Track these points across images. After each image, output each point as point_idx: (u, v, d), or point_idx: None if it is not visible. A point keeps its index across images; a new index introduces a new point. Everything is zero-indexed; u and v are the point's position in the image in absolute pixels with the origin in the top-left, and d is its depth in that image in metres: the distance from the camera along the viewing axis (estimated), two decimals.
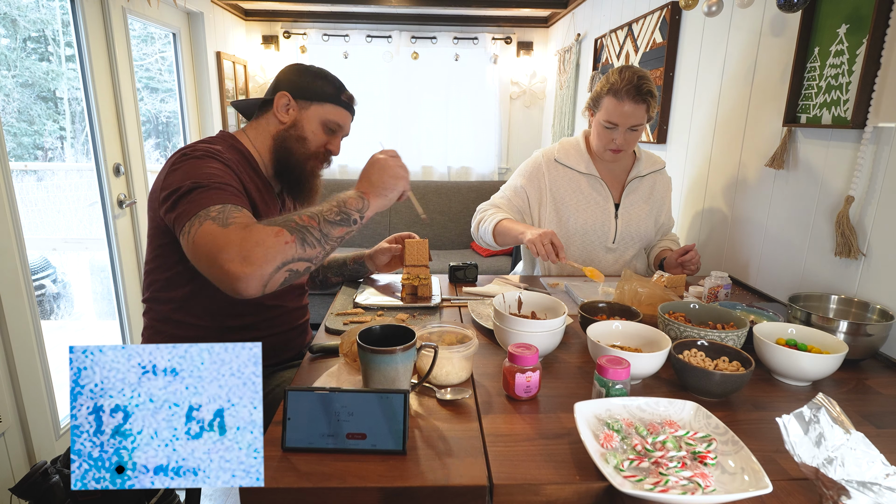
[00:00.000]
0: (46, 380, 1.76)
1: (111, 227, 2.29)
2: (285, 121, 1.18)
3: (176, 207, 0.98)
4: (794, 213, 1.41)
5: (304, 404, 0.72)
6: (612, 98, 1.45)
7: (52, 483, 1.27)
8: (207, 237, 0.88)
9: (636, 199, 1.63)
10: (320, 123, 1.19)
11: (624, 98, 1.43)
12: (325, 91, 1.19)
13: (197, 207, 0.94)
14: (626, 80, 1.43)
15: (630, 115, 1.45)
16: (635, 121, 1.46)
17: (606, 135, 1.51)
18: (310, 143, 1.19)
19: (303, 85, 1.18)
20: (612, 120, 1.47)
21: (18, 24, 2.31)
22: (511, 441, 0.76)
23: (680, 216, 2.04)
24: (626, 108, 1.44)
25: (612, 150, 1.53)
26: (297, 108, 1.18)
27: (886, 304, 1.12)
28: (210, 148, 1.07)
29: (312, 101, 1.18)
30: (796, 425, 0.61)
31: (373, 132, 3.97)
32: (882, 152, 1.15)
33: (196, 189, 0.97)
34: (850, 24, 1.22)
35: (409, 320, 1.21)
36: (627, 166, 1.65)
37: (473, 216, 1.70)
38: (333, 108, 1.20)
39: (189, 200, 0.96)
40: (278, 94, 1.17)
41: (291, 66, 1.21)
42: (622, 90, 1.43)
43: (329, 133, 1.21)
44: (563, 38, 3.51)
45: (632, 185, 1.63)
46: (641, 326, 1.01)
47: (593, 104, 1.53)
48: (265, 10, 3.65)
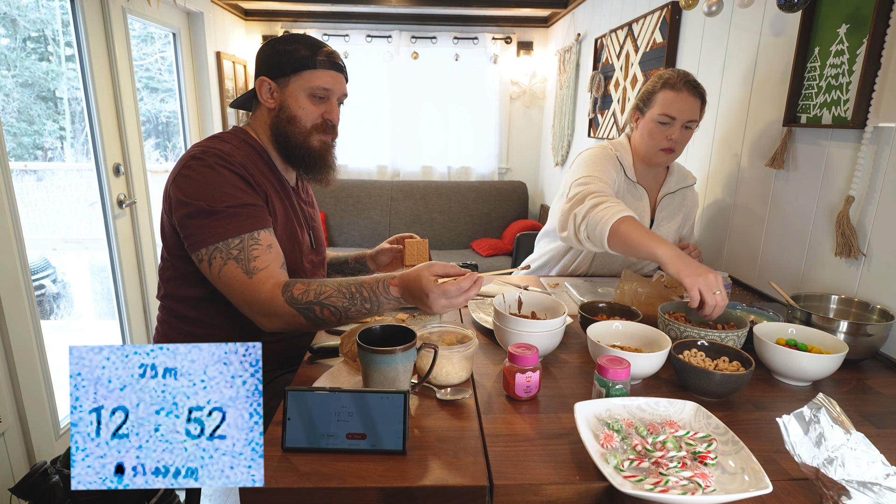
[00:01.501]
0: (46, 380, 1.76)
1: (111, 227, 2.29)
2: (272, 106, 1.13)
3: (185, 226, 1.00)
4: (794, 213, 1.41)
5: (304, 404, 0.72)
6: (670, 91, 1.40)
7: (52, 483, 1.27)
8: (234, 283, 0.99)
9: (667, 214, 1.60)
10: (306, 96, 1.11)
11: (682, 89, 1.39)
12: (299, 57, 1.09)
13: (212, 236, 0.98)
14: (681, 75, 1.41)
15: (688, 109, 1.40)
16: (692, 115, 1.41)
17: (660, 132, 1.43)
18: (302, 121, 1.13)
19: (276, 61, 1.10)
20: (670, 112, 1.40)
21: (18, 24, 2.31)
22: (511, 441, 0.76)
23: None
24: (684, 99, 1.39)
25: (664, 149, 1.45)
26: (278, 89, 1.12)
27: (886, 304, 1.12)
28: (222, 151, 1.05)
29: (290, 76, 1.10)
30: (796, 425, 0.61)
31: (373, 132, 3.98)
32: (882, 152, 1.15)
33: (206, 214, 0.99)
34: (850, 24, 1.21)
35: (409, 320, 1.21)
36: (661, 179, 1.60)
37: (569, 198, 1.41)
38: (314, 73, 1.10)
39: (200, 225, 0.99)
40: (258, 81, 1.13)
41: (263, 46, 1.15)
42: (679, 82, 1.39)
43: (319, 101, 1.13)
44: (563, 38, 3.51)
45: (664, 201, 1.59)
46: (641, 326, 1.01)
47: (643, 104, 1.47)
48: (265, 10, 3.65)
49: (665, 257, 1.12)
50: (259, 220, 1.03)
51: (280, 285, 0.98)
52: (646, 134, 1.47)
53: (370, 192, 3.75)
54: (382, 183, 3.80)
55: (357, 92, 3.87)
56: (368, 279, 0.99)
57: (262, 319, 0.99)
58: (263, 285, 0.97)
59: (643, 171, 1.57)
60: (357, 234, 3.71)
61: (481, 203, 3.79)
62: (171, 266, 1.13)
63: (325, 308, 0.97)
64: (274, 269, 1.01)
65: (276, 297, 0.97)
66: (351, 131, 3.91)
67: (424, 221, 3.74)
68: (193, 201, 1.00)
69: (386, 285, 0.97)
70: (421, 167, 4.05)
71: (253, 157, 1.12)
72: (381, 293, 0.97)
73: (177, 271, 1.13)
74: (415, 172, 4.02)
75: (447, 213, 3.75)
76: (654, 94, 1.44)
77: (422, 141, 4.00)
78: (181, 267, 1.11)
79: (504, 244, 3.57)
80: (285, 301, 0.97)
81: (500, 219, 3.82)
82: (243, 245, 0.99)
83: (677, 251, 1.13)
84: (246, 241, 0.99)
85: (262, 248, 1.01)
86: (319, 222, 1.36)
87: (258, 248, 1.00)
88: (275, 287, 0.98)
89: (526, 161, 4.15)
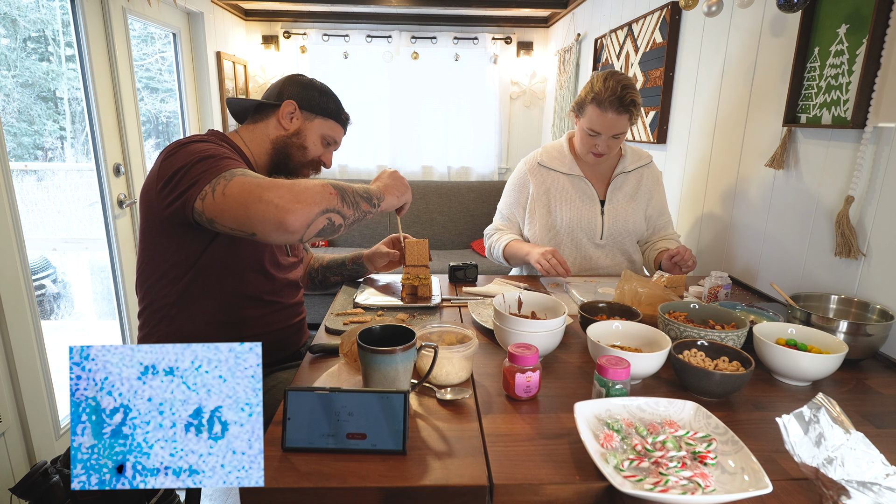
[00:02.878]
0: (46, 380, 1.76)
1: (111, 227, 2.29)
2: (288, 128, 1.22)
3: (184, 181, 0.99)
4: (794, 213, 1.41)
5: (304, 404, 0.73)
6: (596, 108, 1.46)
7: (52, 483, 1.27)
8: (246, 185, 0.94)
9: (622, 195, 1.65)
10: (320, 136, 1.26)
11: (607, 109, 1.45)
12: (328, 108, 1.25)
13: (215, 172, 0.98)
14: (609, 91, 1.43)
15: (612, 125, 1.47)
16: (617, 130, 1.48)
17: (589, 141, 1.54)
18: (309, 153, 1.25)
19: (308, 98, 1.23)
20: (595, 129, 1.49)
21: (18, 24, 2.31)
22: (511, 441, 0.76)
23: (680, 216, 2.04)
24: (608, 118, 1.46)
25: (594, 153, 1.56)
26: (301, 118, 1.23)
27: (886, 304, 1.12)
28: (204, 137, 1.11)
29: (317, 115, 1.24)
30: (796, 425, 0.61)
31: (373, 132, 3.98)
32: (882, 152, 1.15)
33: (206, 159, 1.00)
34: (850, 24, 1.22)
35: (409, 320, 1.21)
36: (613, 164, 1.67)
37: (484, 240, 1.78)
38: (334, 125, 1.27)
39: (202, 169, 0.99)
40: (286, 101, 1.20)
41: (297, 77, 1.25)
42: (605, 101, 1.44)
43: (325, 146, 1.28)
44: (563, 38, 3.51)
45: (617, 180, 1.65)
46: (641, 326, 1.01)
47: (577, 109, 1.55)
48: (265, 10, 3.65)
49: (528, 257, 1.52)
50: None
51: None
52: (579, 137, 1.59)
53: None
54: None
55: (357, 92, 3.87)
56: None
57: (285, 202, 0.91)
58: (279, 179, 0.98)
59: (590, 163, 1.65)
60: (357, 234, 3.71)
61: (481, 203, 3.79)
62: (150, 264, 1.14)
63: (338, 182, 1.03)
64: None
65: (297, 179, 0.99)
66: (351, 131, 3.91)
67: (424, 221, 3.74)
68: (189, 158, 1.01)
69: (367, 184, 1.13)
70: (421, 167, 4.05)
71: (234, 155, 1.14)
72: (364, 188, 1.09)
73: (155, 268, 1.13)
74: (415, 172, 4.02)
75: (447, 213, 3.75)
76: (584, 105, 1.51)
77: (422, 141, 4.00)
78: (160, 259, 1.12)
79: None
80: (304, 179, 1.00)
81: None
82: (246, 172, 0.99)
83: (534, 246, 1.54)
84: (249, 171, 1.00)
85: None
86: None
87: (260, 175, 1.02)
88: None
89: None
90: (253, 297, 1.19)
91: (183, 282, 1.12)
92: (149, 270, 1.14)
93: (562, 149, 1.67)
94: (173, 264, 1.11)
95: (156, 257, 1.12)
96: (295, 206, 0.91)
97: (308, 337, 1.40)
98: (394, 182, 1.19)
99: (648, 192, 1.68)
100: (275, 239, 0.94)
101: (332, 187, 0.99)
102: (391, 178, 1.19)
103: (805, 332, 1.01)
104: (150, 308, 1.16)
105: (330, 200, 0.97)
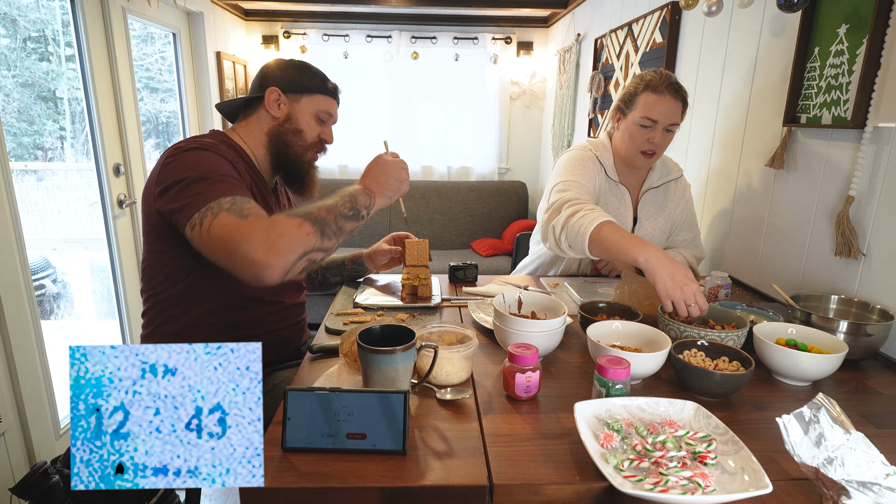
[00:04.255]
0: (46, 380, 1.76)
1: (111, 227, 2.29)
2: (278, 116, 1.20)
3: (178, 198, 0.99)
4: (794, 213, 1.41)
5: (304, 404, 0.73)
6: (652, 93, 1.38)
7: (52, 483, 1.27)
8: (228, 228, 0.92)
9: (650, 210, 1.58)
10: (312, 115, 1.22)
11: (664, 92, 1.37)
12: (311, 83, 1.21)
13: (205, 199, 0.96)
14: (663, 77, 1.39)
15: (670, 112, 1.38)
16: (673, 118, 1.39)
17: (641, 134, 1.42)
18: (306, 135, 1.22)
19: (289, 79, 1.20)
20: (652, 116, 1.38)
21: (18, 24, 2.31)
22: (511, 441, 0.76)
23: None
24: (666, 103, 1.38)
25: (645, 152, 1.44)
26: (287, 102, 1.20)
27: (886, 304, 1.12)
28: (204, 141, 1.09)
29: (302, 94, 1.21)
30: (796, 425, 0.61)
31: (373, 132, 3.97)
32: (882, 152, 1.15)
33: (200, 181, 0.99)
34: (850, 24, 1.22)
35: (409, 320, 1.21)
36: (643, 176, 1.59)
37: (546, 208, 1.41)
38: (322, 98, 1.23)
39: (195, 192, 0.98)
40: (268, 89, 1.18)
41: (274, 63, 1.23)
42: (661, 85, 1.38)
43: (321, 123, 1.25)
44: (563, 38, 3.51)
45: (646, 197, 1.57)
46: (641, 326, 1.01)
47: (625, 105, 1.45)
48: (265, 10, 3.65)
49: (645, 264, 1.08)
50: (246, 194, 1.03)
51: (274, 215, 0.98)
52: (627, 136, 1.46)
53: None
54: None
55: (357, 92, 3.87)
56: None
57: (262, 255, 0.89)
58: (259, 220, 0.94)
59: (624, 169, 1.56)
60: (357, 234, 3.71)
61: (481, 203, 3.79)
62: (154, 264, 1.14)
63: (319, 209, 0.98)
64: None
65: (276, 218, 0.94)
66: (351, 131, 3.91)
67: (424, 221, 3.74)
68: (186, 174, 1.00)
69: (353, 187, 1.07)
70: (421, 167, 4.05)
71: (233, 156, 1.13)
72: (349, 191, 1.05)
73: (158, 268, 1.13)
74: (415, 172, 4.02)
75: (447, 213, 3.75)
76: (635, 96, 1.42)
77: (422, 141, 4.00)
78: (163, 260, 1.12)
79: (504, 244, 3.57)
80: (284, 216, 0.95)
81: (500, 219, 3.82)
82: (235, 201, 0.97)
83: (659, 256, 1.07)
84: (238, 199, 0.98)
85: (254, 206, 0.99)
86: None
87: (250, 204, 0.98)
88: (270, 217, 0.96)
89: (526, 161, 4.15)
90: (255, 297, 1.19)
91: (186, 282, 1.12)
92: (152, 270, 1.14)
93: (608, 147, 1.54)
94: (176, 265, 1.11)
95: (159, 257, 1.12)
96: (270, 260, 0.89)
97: (308, 337, 1.40)
98: (385, 178, 1.11)
99: (674, 205, 1.60)
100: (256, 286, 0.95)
101: (311, 223, 0.94)
102: (382, 173, 1.11)
103: (805, 332, 1.01)
104: (154, 308, 1.16)
105: (308, 242, 0.93)
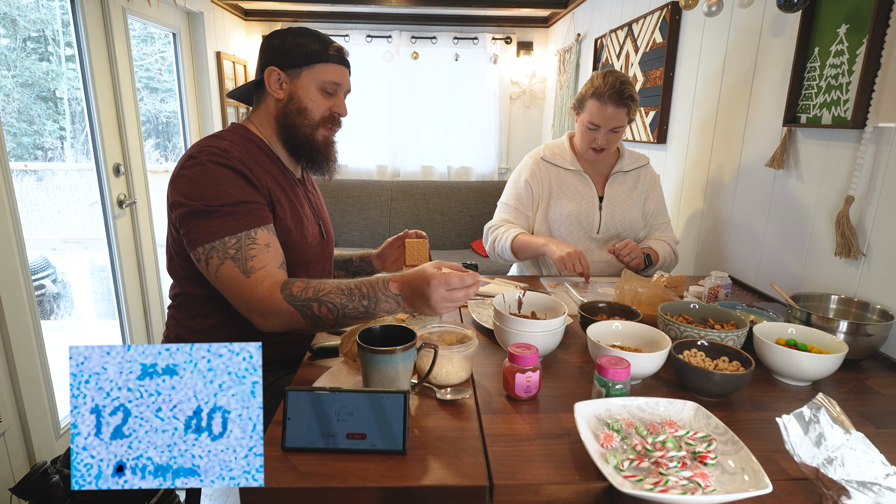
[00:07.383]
0: (46, 380, 1.76)
1: (111, 227, 2.29)
2: (281, 97, 1.12)
3: (183, 224, 1.01)
4: (794, 213, 1.41)
5: (304, 404, 0.72)
6: (596, 101, 1.54)
7: (52, 483, 1.27)
8: (231, 283, 0.98)
9: (620, 190, 1.69)
10: (317, 88, 1.12)
11: (607, 102, 1.52)
12: (311, 50, 1.10)
13: (209, 236, 0.98)
14: (609, 85, 1.51)
15: (612, 118, 1.53)
16: (616, 123, 1.55)
17: (589, 135, 1.59)
18: (312, 113, 1.13)
19: (286, 52, 1.10)
20: (595, 122, 1.55)
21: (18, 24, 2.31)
22: (511, 441, 0.76)
23: (680, 215, 2.04)
24: (608, 112, 1.52)
25: (594, 149, 1.61)
26: (288, 79, 1.11)
27: (886, 304, 1.12)
28: (219, 149, 1.04)
29: (302, 67, 1.10)
30: (796, 425, 0.61)
31: (373, 132, 3.98)
32: (882, 152, 1.15)
33: (206, 214, 0.99)
34: (850, 24, 1.21)
35: (409, 320, 1.21)
36: (611, 163, 1.72)
37: (484, 236, 1.75)
38: (325, 67, 1.12)
39: (198, 225, 0.99)
40: (267, 70, 1.11)
41: (270, 37, 1.14)
42: (605, 94, 1.51)
43: (329, 95, 1.14)
44: (563, 38, 3.51)
45: (615, 177, 1.69)
46: (641, 326, 1.01)
47: (578, 105, 1.62)
48: (265, 10, 3.65)
49: (545, 247, 1.54)
50: (256, 218, 1.02)
51: (278, 284, 0.98)
52: (579, 133, 1.65)
53: (370, 192, 3.74)
54: (382, 183, 3.80)
55: (357, 92, 3.87)
56: (370, 277, 1.00)
57: (259, 319, 0.98)
58: (261, 284, 0.97)
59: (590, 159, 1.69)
60: (357, 234, 3.71)
61: (481, 203, 3.79)
62: (179, 266, 1.14)
63: (322, 305, 0.96)
64: (272, 269, 1.00)
65: (275, 296, 0.96)
66: (351, 131, 3.91)
67: (424, 221, 3.73)
68: (189, 201, 0.99)
69: (386, 281, 0.97)
70: (421, 167, 4.05)
71: (254, 151, 1.11)
72: (379, 289, 0.96)
73: (184, 270, 1.13)
74: (415, 172, 4.02)
75: (447, 213, 3.75)
76: (584, 100, 1.58)
77: (422, 141, 3.99)
78: (186, 266, 1.12)
79: None
80: (283, 298, 0.96)
81: None
82: (240, 244, 0.98)
83: (555, 241, 1.55)
84: (243, 240, 0.99)
85: (259, 247, 1.00)
86: (326, 213, 1.36)
87: (255, 248, 0.99)
88: (273, 286, 0.97)
89: None
90: None
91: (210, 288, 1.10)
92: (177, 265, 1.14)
93: (563, 146, 1.72)
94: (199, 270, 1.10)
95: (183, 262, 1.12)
96: (264, 325, 0.99)
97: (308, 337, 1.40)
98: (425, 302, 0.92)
99: (645, 191, 1.72)
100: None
101: (303, 318, 0.96)
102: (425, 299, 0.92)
103: (805, 332, 1.01)
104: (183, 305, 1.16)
105: (298, 325, 0.98)
